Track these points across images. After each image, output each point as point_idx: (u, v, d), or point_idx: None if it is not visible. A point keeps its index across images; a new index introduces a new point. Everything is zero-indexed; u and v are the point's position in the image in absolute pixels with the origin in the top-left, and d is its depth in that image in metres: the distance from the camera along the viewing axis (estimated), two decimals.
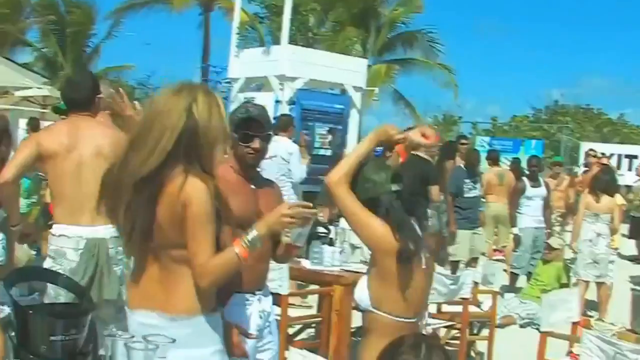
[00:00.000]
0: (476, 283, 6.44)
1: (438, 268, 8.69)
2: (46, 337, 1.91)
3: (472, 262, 9.15)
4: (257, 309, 3.21)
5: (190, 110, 2.51)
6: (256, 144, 3.15)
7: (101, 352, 1.88)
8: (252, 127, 3.15)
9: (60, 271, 3.92)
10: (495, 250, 11.57)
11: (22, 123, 11.36)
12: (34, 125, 10.72)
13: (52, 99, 11.26)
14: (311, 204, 2.71)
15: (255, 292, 3.22)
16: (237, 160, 3.21)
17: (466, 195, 9.07)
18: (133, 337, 1.80)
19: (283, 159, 8.00)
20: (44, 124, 10.73)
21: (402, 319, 2.95)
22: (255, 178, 3.28)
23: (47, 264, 4.03)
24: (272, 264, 3.47)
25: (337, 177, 2.98)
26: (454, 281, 5.66)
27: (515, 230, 9.90)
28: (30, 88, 10.80)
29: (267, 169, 8.04)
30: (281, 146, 7.98)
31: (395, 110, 24.76)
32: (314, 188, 9.30)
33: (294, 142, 8.36)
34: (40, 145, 3.99)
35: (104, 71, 25.34)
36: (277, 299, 5.24)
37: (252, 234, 2.57)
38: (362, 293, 3.03)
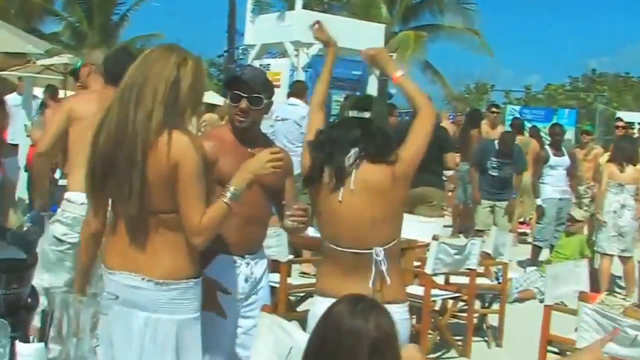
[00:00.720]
0: (488, 254, 6.19)
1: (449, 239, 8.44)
2: None
3: None
4: (244, 273, 3.19)
5: (179, 67, 2.56)
6: (242, 104, 3.14)
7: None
8: (240, 87, 3.16)
9: (77, 240, 3.89)
10: (521, 223, 11.23)
11: (38, 91, 11.29)
12: (52, 93, 10.66)
13: (72, 67, 11.20)
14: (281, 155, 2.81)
15: (245, 256, 3.19)
16: (231, 122, 3.25)
17: (490, 172, 8.52)
18: (71, 292, 1.73)
19: (296, 122, 7.99)
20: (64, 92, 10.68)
21: (334, 246, 2.97)
22: (252, 141, 3.23)
23: (60, 230, 4.04)
24: (270, 231, 3.51)
25: (317, 99, 3.36)
26: (459, 251, 5.38)
27: (538, 201, 9.49)
28: (52, 57, 10.77)
29: (277, 130, 7.97)
30: (295, 110, 7.97)
31: (425, 78, 24.35)
32: None
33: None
34: (71, 110, 4.14)
35: (132, 40, 25.52)
36: (278, 266, 5.32)
37: (231, 188, 2.63)
38: None
